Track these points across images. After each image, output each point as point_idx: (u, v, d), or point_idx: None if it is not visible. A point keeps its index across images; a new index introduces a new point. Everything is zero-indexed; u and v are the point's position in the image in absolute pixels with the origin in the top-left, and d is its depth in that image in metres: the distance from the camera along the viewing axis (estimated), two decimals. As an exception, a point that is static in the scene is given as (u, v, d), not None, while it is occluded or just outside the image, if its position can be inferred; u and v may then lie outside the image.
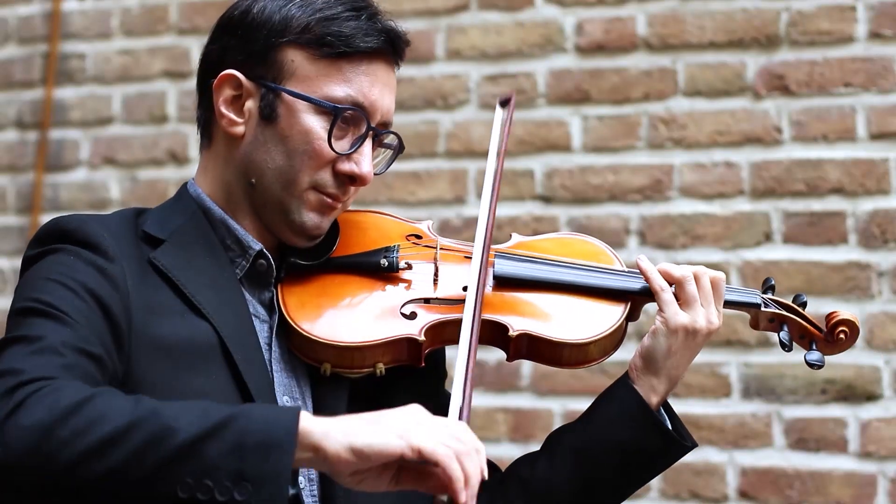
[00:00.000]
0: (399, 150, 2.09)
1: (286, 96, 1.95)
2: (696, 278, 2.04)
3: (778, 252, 3.37)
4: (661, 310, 2.03)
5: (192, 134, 3.88)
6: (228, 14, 2.03)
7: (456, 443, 1.59)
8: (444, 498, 1.60)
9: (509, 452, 3.32)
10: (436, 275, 2.04)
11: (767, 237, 3.38)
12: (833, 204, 3.34)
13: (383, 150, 2.08)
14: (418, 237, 2.13)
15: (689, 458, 2.13)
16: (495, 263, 2.06)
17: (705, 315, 2.03)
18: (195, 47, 3.88)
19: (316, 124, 1.95)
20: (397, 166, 3.67)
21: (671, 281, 2.05)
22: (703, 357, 3.63)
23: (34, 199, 3.99)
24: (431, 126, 3.67)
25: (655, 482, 3.36)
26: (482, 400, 3.50)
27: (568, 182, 3.54)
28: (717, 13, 3.47)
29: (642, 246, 3.46)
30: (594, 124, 3.54)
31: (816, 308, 3.37)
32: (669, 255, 3.42)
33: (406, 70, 3.72)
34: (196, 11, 3.91)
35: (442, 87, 3.67)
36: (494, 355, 3.42)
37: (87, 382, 1.68)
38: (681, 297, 2.03)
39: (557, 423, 3.42)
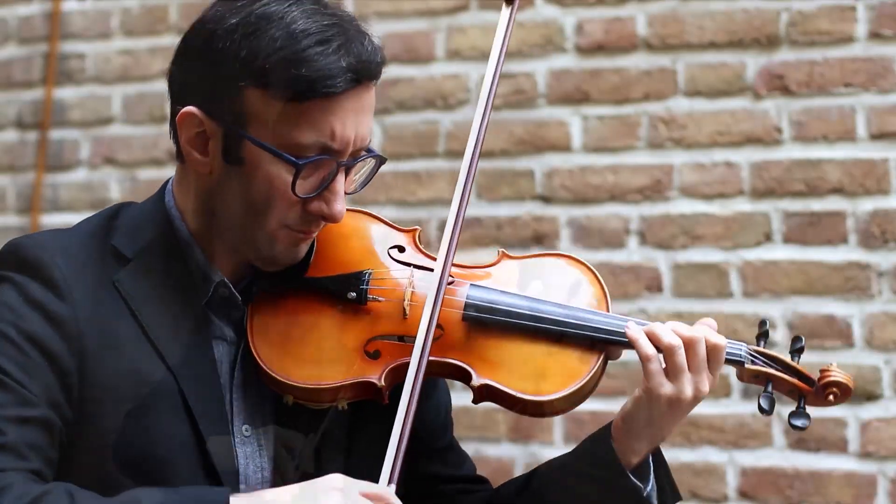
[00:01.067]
0: (379, 164, 1.96)
1: (248, 142, 1.84)
2: (691, 345, 1.90)
3: (778, 252, 3.37)
4: (645, 378, 1.91)
5: (192, 134, 3.88)
6: (191, 39, 1.93)
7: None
8: None
9: (509, 452, 3.33)
10: (405, 310, 1.94)
11: (767, 237, 3.38)
12: (833, 204, 3.34)
13: (367, 160, 1.96)
14: (401, 249, 2.03)
15: (689, 458, 2.12)
16: (468, 294, 1.96)
17: (693, 383, 1.91)
18: (195, 47, 3.88)
19: (280, 171, 1.84)
20: (398, 166, 3.68)
21: (659, 347, 1.91)
22: (703, 357, 3.63)
23: (34, 199, 3.99)
24: (431, 126, 3.67)
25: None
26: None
27: (568, 182, 3.54)
28: (717, 13, 3.47)
29: (642, 246, 3.45)
30: (594, 124, 3.54)
31: (816, 308, 3.37)
32: (669, 255, 3.42)
33: (406, 70, 3.73)
34: (196, 11, 3.88)
35: (442, 87, 3.67)
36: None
37: (25, 456, 1.74)
38: (668, 365, 1.90)
39: (558, 424, 3.42)
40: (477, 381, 1.91)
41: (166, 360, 1.86)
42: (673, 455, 3.26)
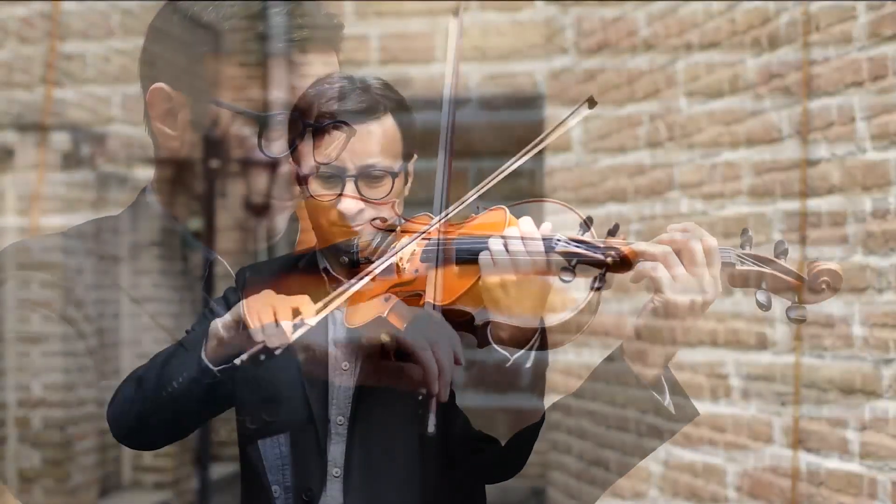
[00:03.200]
0: (350, 136, 1.98)
1: (214, 106, 1.90)
2: (686, 246, 1.97)
3: (778, 252, 3.37)
4: (655, 289, 1.96)
5: (192, 134, 3.90)
6: (152, 24, 2.01)
7: (430, 333, 1.74)
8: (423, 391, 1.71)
9: (509, 452, 3.31)
10: (399, 267, 2.02)
11: (767, 237, 3.38)
12: (833, 204, 3.34)
13: (338, 133, 1.96)
14: (383, 220, 2.11)
15: (690, 458, 2.13)
16: (455, 246, 2.04)
17: (699, 285, 1.98)
18: (195, 47, 3.89)
19: (246, 132, 1.90)
20: (397, 166, 3.68)
21: (655, 259, 1.97)
22: (703, 357, 3.63)
23: (34, 199, 3.99)
24: (431, 126, 3.67)
25: (654, 482, 3.37)
26: (482, 400, 3.50)
27: (568, 182, 3.54)
28: (717, 13, 3.47)
29: (642, 246, 3.46)
30: (594, 124, 3.54)
31: (816, 307, 3.37)
32: (669, 255, 3.43)
33: (406, 70, 3.73)
34: (196, 11, 3.92)
35: (442, 87, 3.67)
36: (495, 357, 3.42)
37: None
38: (671, 270, 1.96)
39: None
40: (480, 320, 1.96)
41: (184, 344, 1.90)
42: (673, 455, 3.26)
